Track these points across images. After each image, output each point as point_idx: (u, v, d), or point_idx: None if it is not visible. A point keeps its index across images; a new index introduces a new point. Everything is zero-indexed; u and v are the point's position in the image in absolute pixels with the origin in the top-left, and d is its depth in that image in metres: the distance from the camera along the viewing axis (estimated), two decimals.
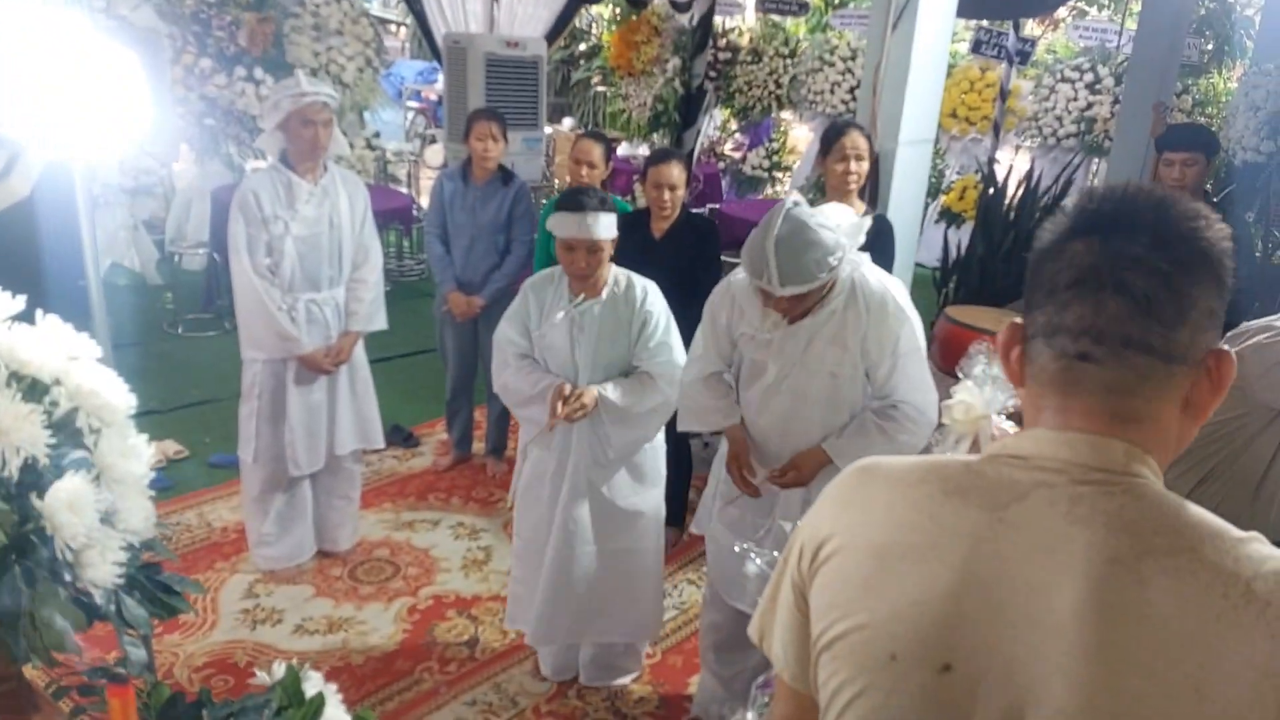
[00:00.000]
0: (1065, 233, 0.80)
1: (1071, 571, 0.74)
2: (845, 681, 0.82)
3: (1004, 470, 0.81)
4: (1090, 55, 7.33)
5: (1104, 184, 0.82)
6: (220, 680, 2.62)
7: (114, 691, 0.89)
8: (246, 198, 2.84)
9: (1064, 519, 0.76)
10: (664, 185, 3.17)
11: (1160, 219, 0.77)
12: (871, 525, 0.84)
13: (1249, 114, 5.40)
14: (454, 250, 3.70)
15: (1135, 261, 0.76)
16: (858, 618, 0.81)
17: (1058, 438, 0.79)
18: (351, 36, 6.28)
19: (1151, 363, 0.76)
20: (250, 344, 2.94)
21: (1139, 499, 0.76)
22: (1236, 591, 0.70)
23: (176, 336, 5.34)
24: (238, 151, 6.00)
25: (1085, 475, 0.77)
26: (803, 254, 1.89)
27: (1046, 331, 0.80)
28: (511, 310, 2.48)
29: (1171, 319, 0.75)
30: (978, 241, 5.25)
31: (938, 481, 0.83)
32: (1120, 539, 0.74)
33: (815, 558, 0.87)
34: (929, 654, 0.77)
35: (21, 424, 0.83)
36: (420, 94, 11.30)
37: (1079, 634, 0.72)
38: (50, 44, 1.58)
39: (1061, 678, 0.72)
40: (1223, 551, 0.72)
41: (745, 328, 2.20)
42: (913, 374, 2.11)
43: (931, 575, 0.78)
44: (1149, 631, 0.71)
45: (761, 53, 8.39)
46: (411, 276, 6.86)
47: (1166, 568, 0.72)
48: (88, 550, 0.89)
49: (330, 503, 3.23)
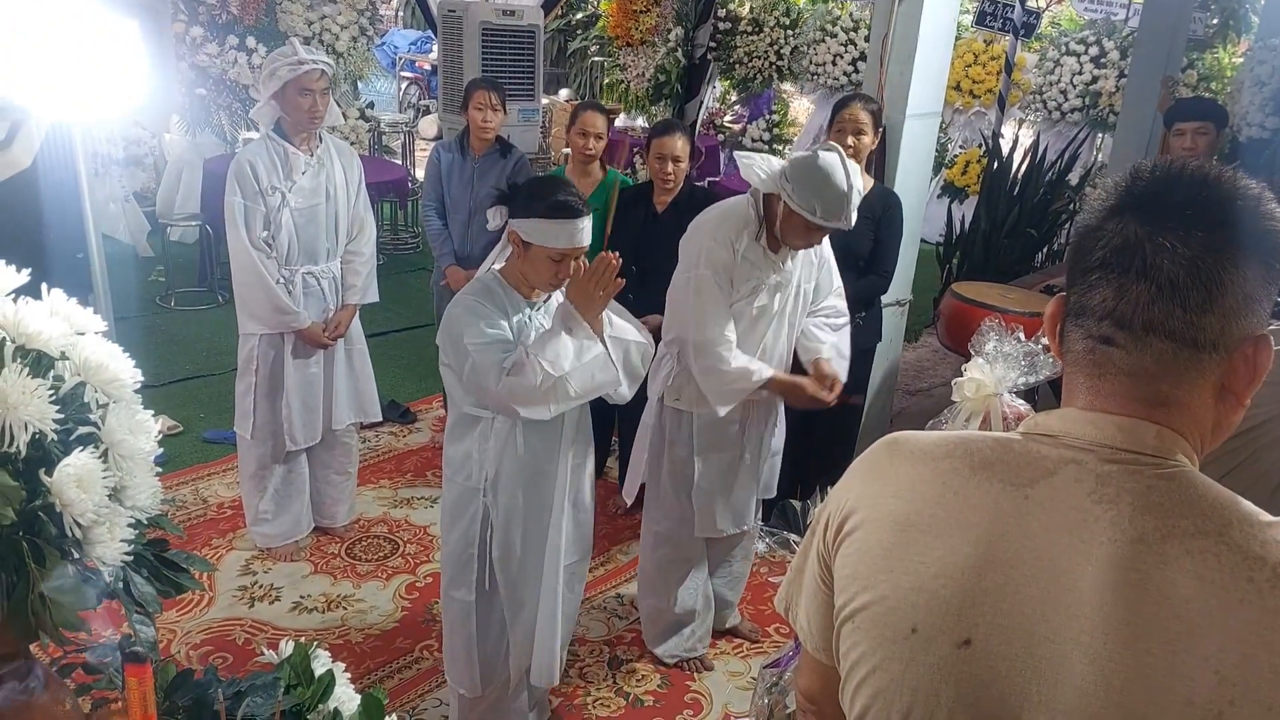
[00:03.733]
0: (1105, 211, 0.78)
1: (1095, 550, 0.73)
2: (865, 653, 0.82)
3: (1033, 447, 0.80)
4: (1096, 28, 7.26)
5: (1154, 162, 0.79)
6: (219, 658, 2.62)
7: (133, 671, 0.88)
8: (243, 169, 2.78)
9: (1090, 497, 0.75)
10: (667, 157, 3.12)
11: (1197, 199, 0.74)
12: (896, 498, 0.84)
13: (1254, 89, 5.36)
14: (452, 224, 3.63)
15: (1163, 244, 0.73)
16: (879, 590, 0.82)
17: (1087, 417, 0.79)
18: (345, 5, 6.18)
19: (1175, 349, 0.74)
20: (248, 318, 2.90)
21: (1168, 480, 0.75)
22: (1263, 576, 0.70)
23: (169, 310, 5.29)
24: (229, 122, 5.91)
25: (1114, 455, 0.76)
26: (857, 187, 2.20)
27: (1075, 311, 0.80)
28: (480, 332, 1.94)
29: (1198, 304, 0.73)
30: (981, 216, 5.23)
31: (964, 456, 0.82)
32: (1146, 519, 0.73)
33: (840, 530, 0.87)
34: (949, 628, 0.77)
35: (28, 399, 0.80)
36: (414, 64, 11.15)
37: (1099, 612, 0.72)
38: (50, 9, 1.53)
39: (1080, 655, 0.72)
40: (1251, 536, 0.71)
41: (756, 278, 2.34)
42: (834, 270, 2.55)
43: (954, 549, 0.78)
44: (1170, 612, 0.70)
45: (762, 23, 8.28)
46: (406, 250, 6.80)
47: (1191, 549, 0.71)
48: (96, 527, 0.87)
49: (327, 477, 3.21)
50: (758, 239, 2.33)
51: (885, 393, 3.84)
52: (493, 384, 1.89)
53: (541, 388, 1.87)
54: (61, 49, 1.53)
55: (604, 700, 2.60)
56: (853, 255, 2.92)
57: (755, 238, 2.33)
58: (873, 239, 3.01)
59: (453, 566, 2.16)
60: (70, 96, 1.59)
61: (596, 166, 3.50)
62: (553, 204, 1.91)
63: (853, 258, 2.92)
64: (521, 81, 5.96)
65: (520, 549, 2.11)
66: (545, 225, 1.90)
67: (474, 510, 2.09)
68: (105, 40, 1.60)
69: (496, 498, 2.07)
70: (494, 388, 1.90)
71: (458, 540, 2.13)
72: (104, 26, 1.59)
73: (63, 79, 1.56)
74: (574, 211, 1.91)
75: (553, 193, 1.93)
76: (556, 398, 1.90)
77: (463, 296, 2.00)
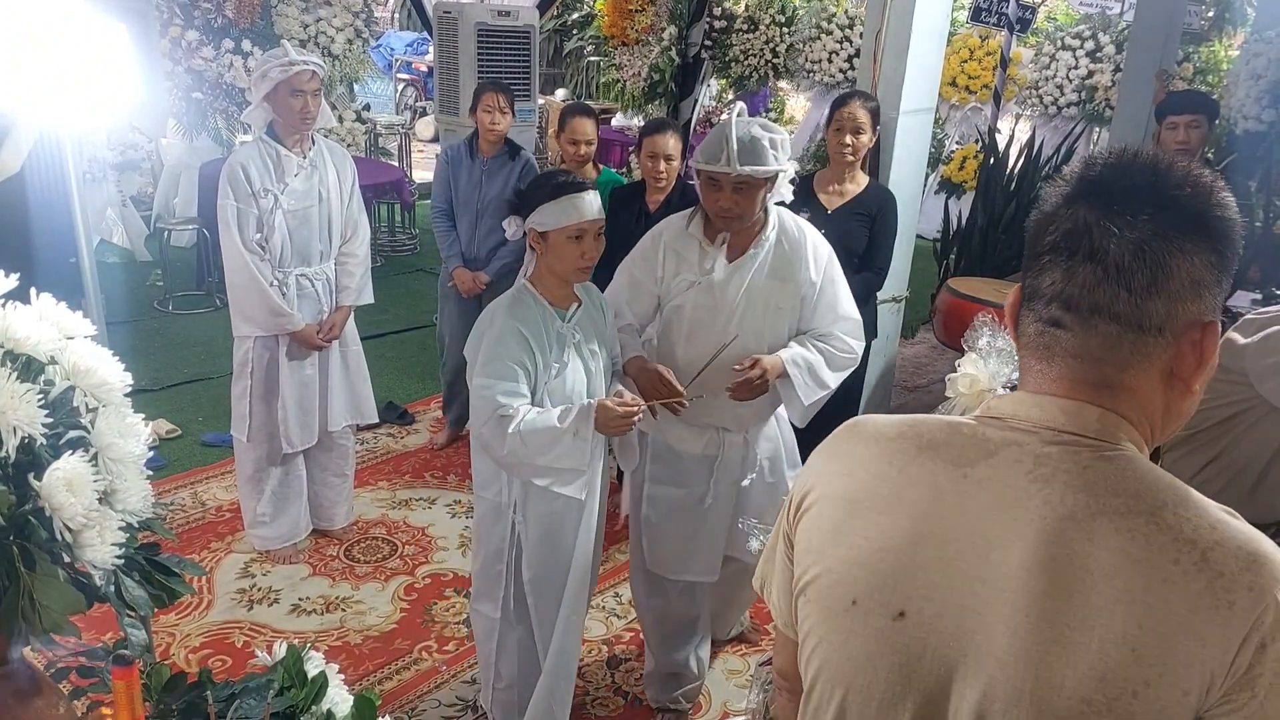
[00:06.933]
0: (1060, 198, 0.80)
1: (1025, 527, 0.75)
2: (814, 625, 0.85)
3: (980, 429, 0.82)
4: (1091, 23, 7.26)
5: (1109, 150, 0.81)
6: (218, 660, 2.62)
7: (119, 673, 0.88)
8: (235, 171, 2.78)
9: (1026, 477, 0.77)
10: (659, 156, 3.13)
11: (1148, 185, 0.76)
12: (848, 476, 0.86)
13: (1250, 82, 5.37)
14: (460, 226, 3.65)
15: (1111, 228, 0.74)
16: (826, 563, 0.84)
17: (1033, 400, 0.80)
18: (340, 7, 6.19)
19: (1120, 331, 0.75)
20: (242, 321, 2.90)
21: (1106, 462, 0.75)
22: (1189, 559, 0.70)
23: (167, 314, 5.29)
24: (226, 126, 5.91)
25: (1055, 437, 0.78)
26: (758, 137, 2.04)
27: (1028, 295, 0.82)
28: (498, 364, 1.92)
29: (1143, 287, 0.74)
30: (978, 212, 5.23)
31: (914, 437, 0.84)
32: (1077, 497, 0.74)
33: (799, 507, 0.90)
34: (885, 600, 0.79)
35: (18, 403, 0.80)
36: (411, 66, 11.15)
37: (1024, 586, 0.73)
38: (39, 15, 1.53)
39: (1004, 628, 0.73)
40: (1184, 519, 0.72)
41: (686, 274, 2.18)
42: (841, 296, 2.24)
43: (893, 525, 0.81)
44: (1091, 588, 0.71)
45: (757, 21, 8.28)
46: (404, 251, 6.80)
47: (1120, 528, 0.72)
48: (86, 531, 0.87)
49: (325, 480, 3.22)
50: (688, 227, 2.20)
51: (882, 389, 3.85)
52: (477, 421, 1.95)
53: (505, 460, 1.95)
54: (48, 56, 1.53)
55: (603, 700, 2.61)
56: (848, 252, 2.92)
57: (686, 225, 2.20)
58: (868, 235, 3.02)
59: (481, 580, 2.18)
60: (58, 103, 1.59)
61: (589, 168, 3.52)
62: (553, 186, 1.97)
63: (848, 254, 2.92)
64: (518, 82, 5.95)
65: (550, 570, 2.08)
66: (553, 207, 1.94)
67: (503, 528, 2.09)
68: (92, 47, 1.60)
69: (526, 516, 2.06)
70: (476, 424, 1.96)
71: (487, 556, 2.14)
72: (91, 33, 1.59)
73: (50, 86, 1.56)
74: (576, 187, 1.96)
75: (551, 179, 2.01)
76: (513, 472, 2.01)
77: (497, 313, 1.99)
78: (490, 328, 1.97)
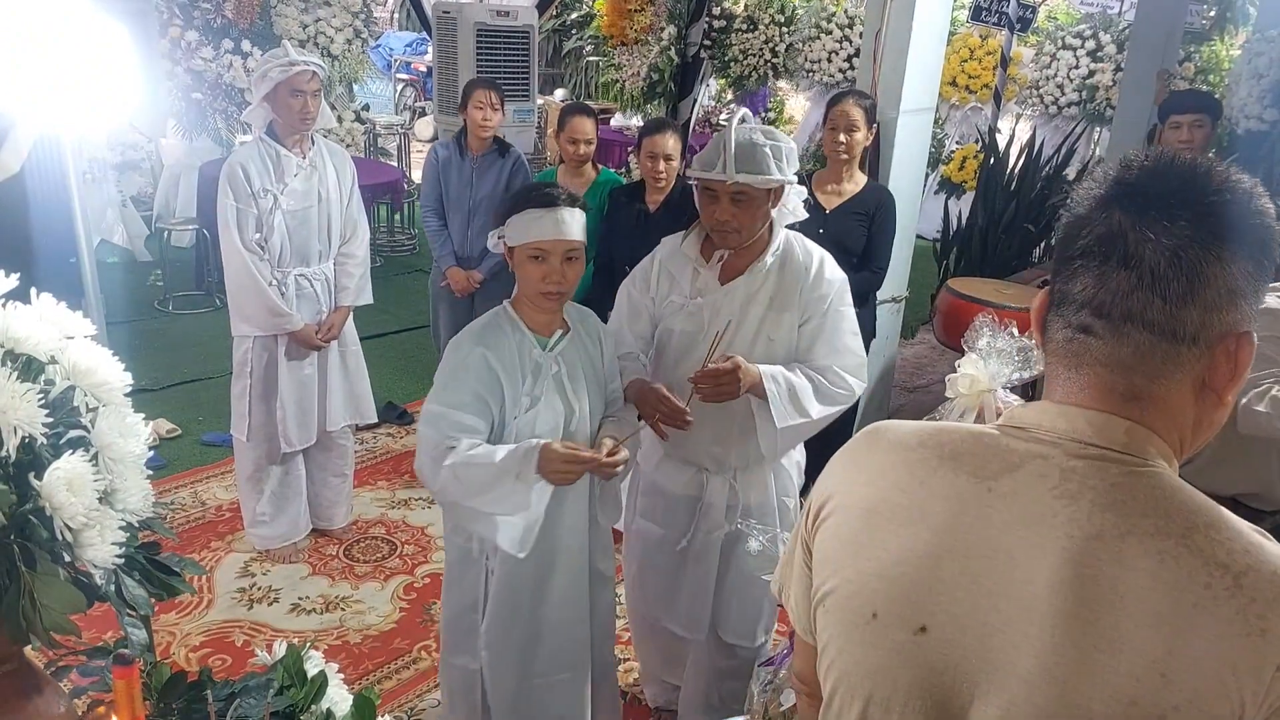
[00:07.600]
0: (1093, 200, 0.77)
1: (1051, 545, 0.73)
2: (833, 636, 0.84)
3: (1004, 440, 0.80)
4: (1092, 22, 7.26)
5: (1145, 153, 0.78)
6: (218, 660, 2.62)
7: (119, 672, 0.88)
8: (235, 171, 2.79)
9: (1052, 492, 0.75)
10: (659, 156, 3.12)
11: (1186, 190, 0.73)
12: (868, 485, 0.85)
13: (1252, 82, 5.35)
14: (451, 224, 3.63)
15: (1147, 233, 0.72)
16: (845, 574, 0.83)
17: (1059, 410, 0.78)
18: (340, 8, 6.18)
19: (1153, 340, 0.73)
20: (241, 320, 2.91)
21: (1134, 478, 0.73)
22: (1221, 584, 0.68)
23: (167, 314, 5.29)
24: (225, 126, 5.91)
25: (1082, 450, 0.75)
26: (758, 144, 1.89)
27: (1058, 301, 0.79)
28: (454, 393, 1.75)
29: (1178, 295, 0.72)
30: (978, 212, 5.23)
31: (935, 447, 0.83)
32: (1105, 516, 0.72)
33: (818, 515, 0.89)
34: (907, 614, 0.78)
35: (18, 403, 0.80)
36: (410, 66, 11.15)
37: (1051, 607, 0.71)
38: (39, 15, 1.53)
39: (1029, 648, 0.72)
40: (1216, 542, 0.70)
41: (675, 296, 2.04)
42: (845, 330, 2.02)
43: (915, 537, 0.79)
44: (1120, 610, 0.69)
45: (757, 20, 8.28)
46: (403, 252, 6.80)
47: (1150, 550, 0.70)
48: (86, 530, 0.87)
49: (324, 480, 3.22)
50: (682, 244, 2.07)
51: (882, 390, 3.85)
52: (420, 452, 1.77)
53: (437, 496, 1.85)
54: (48, 56, 1.54)
55: None
56: (846, 251, 2.92)
57: (682, 241, 2.07)
58: (865, 235, 3.02)
59: (452, 633, 1.97)
60: (58, 104, 1.59)
61: (589, 167, 3.51)
62: (524, 197, 1.77)
63: (846, 254, 2.92)
64: (517, 82, 5.96)
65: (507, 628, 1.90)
66: (518, 220, 1.74)
67: (475, 574, 1.92)
68: (92, 47, 1.60)
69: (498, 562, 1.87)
70: (418, 455, 1.77)
71: (461, 607, 1.94)
72: (91, 33, 1.59)
73: (50, 86, 1.56)
74: (548, 200, 1.73)
75: (531, 188, 1.83)
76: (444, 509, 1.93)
77: (465, 338, 1.80)
78: (455, 351, 1.79)
